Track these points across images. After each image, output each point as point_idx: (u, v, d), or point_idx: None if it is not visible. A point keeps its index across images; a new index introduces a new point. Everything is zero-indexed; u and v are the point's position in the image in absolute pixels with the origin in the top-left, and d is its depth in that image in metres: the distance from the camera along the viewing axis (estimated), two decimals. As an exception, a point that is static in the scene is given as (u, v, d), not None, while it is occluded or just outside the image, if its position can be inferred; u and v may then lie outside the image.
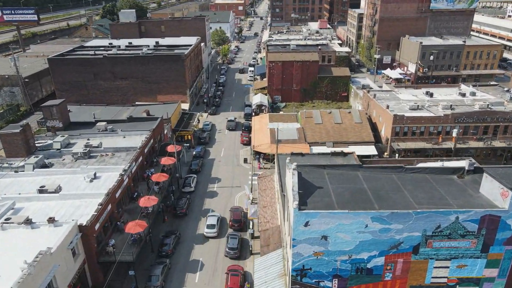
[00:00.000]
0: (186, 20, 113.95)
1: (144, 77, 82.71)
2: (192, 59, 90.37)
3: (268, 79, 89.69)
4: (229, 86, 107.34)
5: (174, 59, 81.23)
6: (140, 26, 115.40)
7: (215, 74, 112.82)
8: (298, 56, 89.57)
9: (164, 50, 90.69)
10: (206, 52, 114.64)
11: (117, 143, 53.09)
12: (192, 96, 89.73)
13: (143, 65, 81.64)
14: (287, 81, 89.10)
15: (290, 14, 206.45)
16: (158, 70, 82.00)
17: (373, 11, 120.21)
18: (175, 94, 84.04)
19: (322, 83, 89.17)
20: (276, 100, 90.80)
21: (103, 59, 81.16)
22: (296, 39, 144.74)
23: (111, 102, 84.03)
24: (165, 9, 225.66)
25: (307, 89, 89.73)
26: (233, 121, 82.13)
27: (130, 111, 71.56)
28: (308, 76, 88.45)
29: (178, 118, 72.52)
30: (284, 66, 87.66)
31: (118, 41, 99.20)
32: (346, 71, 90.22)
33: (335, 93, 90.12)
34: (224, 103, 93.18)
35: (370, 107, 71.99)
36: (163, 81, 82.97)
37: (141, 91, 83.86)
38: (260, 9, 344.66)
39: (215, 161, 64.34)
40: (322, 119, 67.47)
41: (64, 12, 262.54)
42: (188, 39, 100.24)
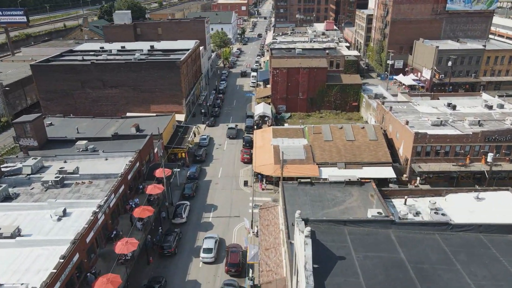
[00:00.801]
0: (184, 22, 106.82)
1: (136, 86, 75.59)
2: (189, 65, 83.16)
3: (272, 87, 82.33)
4: (230, 93, 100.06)
5: (169, 66, 74.03)
6: (136, 28, 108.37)
7: (215, 80, 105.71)
8: (305, 62, 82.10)
9: (159, 55, 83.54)
10: (205, 56, 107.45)
11: (96, 167, 45.91)
12: (188, 106, 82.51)
13: (134, 73, 74.52)
14: (293, 90, 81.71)
15: (295, 14, 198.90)
16: (151, 78, 74.85)
17: (384, 13, 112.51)
18: (170, 104, 76.86)
19: (331, 91, 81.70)
20: (280, 110, 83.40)
21: (90, 65, 74.09)
22: (301, 41, 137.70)
23: (100, 113, 77.04)
24: (165, 9, 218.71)
25: (314, 98, 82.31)
26: (233, 128, 76.01)
27: (119, 125, 64.50)
28: (316, 84, 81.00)
29: (171, 132, 65.30)
30: (289, 73, 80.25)
31: (110, 45, 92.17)
32: (357, 79, 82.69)
33: (344, 103, 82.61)
34: (224, 113, 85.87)
35: (386, 121, 64.46)
36: (157, 90, 75.82)
37: (133, 100, 76.73)
38: (263, 9, 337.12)
39: (211, 184, 57.05)
40: (333, 136, 60.00)
41: (63, 12, 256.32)
42: (185, 42, 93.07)
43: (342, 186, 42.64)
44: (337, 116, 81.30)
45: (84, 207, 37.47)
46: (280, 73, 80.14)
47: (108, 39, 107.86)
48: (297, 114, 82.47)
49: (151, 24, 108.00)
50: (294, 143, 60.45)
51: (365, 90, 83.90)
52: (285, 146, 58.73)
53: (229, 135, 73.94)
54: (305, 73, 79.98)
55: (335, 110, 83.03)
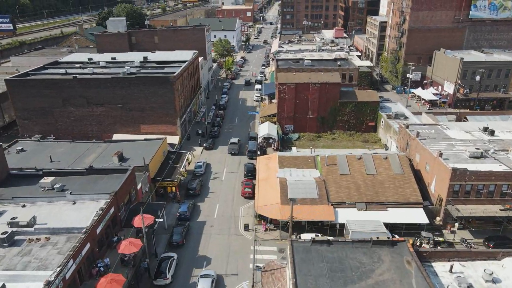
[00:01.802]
0: (182, 30, 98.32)
1: (124, 104, 66.80)
2: (186, 79, 74.30)
3: (278, 105, 73.16)
4: (232, 109, 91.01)
5: (161, 81, 65.20)
6: (131, 37, 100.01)
7: (215, 93, 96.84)
8: (315, 76, 72.90)
9: (152, 68, 74.79)
10: (205, 67, 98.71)
11: (60, 215, 36.89)
12: (184, 125, 73.52)
13: (122, 89, 65.76)
14: (301, 107, 72.51)
15: (302, 21, 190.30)
16: (142, 95, 66.04)
17: (401, 20, 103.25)
18: (163, 124, 67.96)
19: (344, 110, 72.38)
20: (287, 130, 74.16)
21: (73, 81, 65.46)
22: (309, 50, 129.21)
23: (84, 133, 68.44)
24: (166, 15, 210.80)
25: (325, 117, 73.01)
26: (235, 144, 69.30)
27: (101, 151, 55.65)
28: (327, 101, 71.76)
29: (161, 160, 56.28)
30: (297, 89, 71.08)
31: (100, 56, 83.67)
32: (373, 95, 73.31)
33: (360, 122, 73.21)
34: (224, 133, 76.73)
35: (411, 148, 54.99)
36: (148, 108, 66.96)
37: (121, 120, 67.94)
38: (269, 15, 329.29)
39: (205, 226, 47.77)
40: (350, 168, 50.58)
41: (63, 18, 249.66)
42: (183, 53, 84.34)
43: (368, 247, 33.21)
44: (352, 138, 71.90)
45: (30, 281, 28.40)
46: (288, 89, 71.00)
47: (100, 49, 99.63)
48: (306, 135, 73.18)
49: (147, 32, 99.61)
50: (304, 176, 51.13)
51: (383, 108, 74.48)
52: (294, 180, 49.40)
53: (231, 151, 67.78)
54: (316, 89, 70.76)
55: (349, 130, 73.65)
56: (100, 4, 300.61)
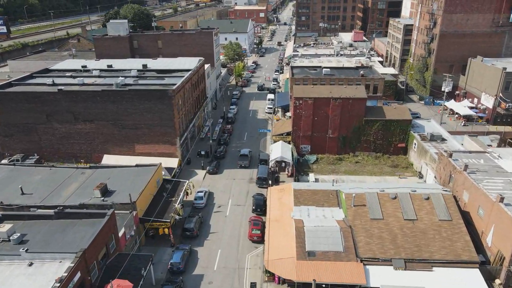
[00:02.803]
0: (188, 34, 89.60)
1: (116, 120, 58.21)
2: (188, 91, 65.39)
3: (293, 122, 63.67)
4: (241, 122, 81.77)
5: (158, 96, 56.40)
6: (132, 41, 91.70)
7: (223, 104, 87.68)
8: (337, 90, 63.18)
9: (150, 78, 66.11)
10: (213, 75, 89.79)
11: (10, 283, 28.19)
12: (186, 144, 64.60)
13: (114, 104, 57.17)
14: (320, 125, 62.90)
15: (318, 23, 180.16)
16: (136, 111, 57.36)
17: (431, 24, 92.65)
18: (160, 143, 59.18)
19: (370, 129, 62.51)
20: (303, 151, 64.64)
21: (58, 94, 57.13)
22: (326, 54, 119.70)
23: (72, 153, 60.25)
24: (175, 16, 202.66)
25: (348, 137, 63.26)
26: (246, 156, 63.83)
27: (83, 180, 47.21)
28: (351, 119, 61.99)
29: (154, 192, 47.36)
30: (316, 104, 61.50)
31: (95, 63, 75.38)
32: (404, 112, 63.21)
33: (388, 143, 63.23)
34: (231, 152, 67.51)
35: (456, 183, 44.93)
36: (143, 126, 58.25)
37: (113, 138, 59.38)
38: (283, 15, 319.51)
39: (203, 283, 38.57)
40: (383, 211, 40.87)
41: (73, 18, 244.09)
42: (187, 60, 75.49)
43: None
44: (378, 162, 61.99)
45: None
46: (305, 104, 61.45)
47: (99, 53, 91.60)
48: (325, 157, 63.53)
49: (150, 36, 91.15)
50: (325, 217, 41.65)
51: (415, 127, 64.32)
52: (313, 226, 39.88)
53: (241, 164, 62.40)
54: (338, 105, 61.06)
55: (375, 152, 63.73)
56: (111, 4, 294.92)
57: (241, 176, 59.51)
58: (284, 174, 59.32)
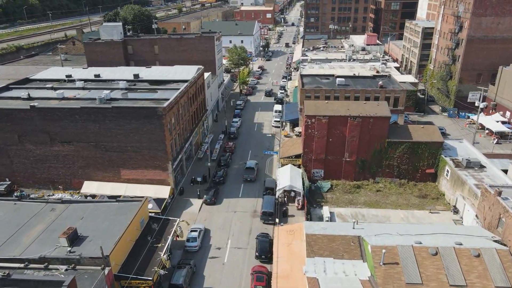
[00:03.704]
0: (188, 38, 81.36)
1: (98, 142, 50.09)
2: (184, 106, 57.09)
3: (304, 143, 55.08)
4: (244, 138, 73.29)
5: (146, 115, 48.12)
6: (126, 46, 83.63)
7: (225, 118, 79.11)
8: (355, 107, 54.46)
9: (141, 91, 57.93)
10: (214, 84, 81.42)
11: None
12: (180, 167, 56.26)
13: (96, 123, 49.03)
14: (336, 148, 54.26)
15: (328, 24, 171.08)
16: (121, 132, 49.18)
17: (456, 28, 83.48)
18: (150, 168, 50.94)
19: (394, 152, 53.74)
20: (315, 176, 56.04)
21: (31, 111, 49.13)
22: (337, 59, 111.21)
23: (49, 178, 52.41)
24: (178, 17, 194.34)
25: (367, 161, 54.56)
26: (252, 169, 58.67)
27: (53, 218, 39.30)
28: (371, 140, 53.28)
29: (137, 236, 39.08)
30: (331, 123, 52.86)
31: (81, 72, 67.28)
32: (434, 133, 54.31)
33: (414, 169, 54.43)
34: (233, 176, 59.09)
35: (509, 229, 36.09)
36: (129, 148, 50.07)
37: (95, 162, 51.27)
38: (290, 16, 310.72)
39: None
40: (421, 272, 32.12)
41: (74, 19, 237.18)
42: (184, 70, 67.18)
43: None
44: (403, 190, 53.19)
45: None
46: (318, 124, 52.81)
47: (90, 59, 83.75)
48: (340, 183, 54.87)
49: (146, 41, 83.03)
50: (346, 274, 33.13)
51: (445, 149, 55.38)
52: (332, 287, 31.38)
53: (246, 178, 57.51)
54: (356, 125, 52.36)
55: (399, 178, 54.95)
56: (115, 4, 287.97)
57: (243, 207, 51.04)
58: (293, 206, 50.82)
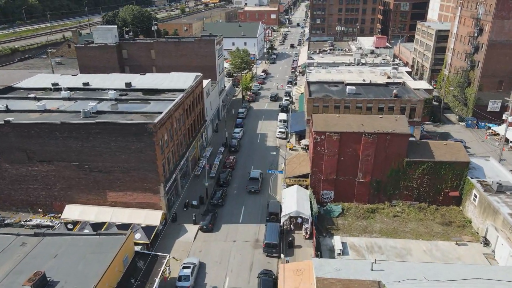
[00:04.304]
0: (186, 42, 75.83)
1: (82, 161, 44.67)
2: (178, 121, 51.53)
3: (313, 161, 49.34)
4: (246, 151, 67.65)
5: (134, 132, 42.62)
6: (121, 51, 78.27)
7: (225, 128, 73.34)
8: (370, 122, 48.65)
9: (132, 102, 52.47)
10: (214, 91, 75.85)
11: None
12: (174, 188, 50.68)
13: (78, 141, 43.60)
14: (348, 167, 48.50)
15: (334, 26, 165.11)
16: (107, 150, 43.73)
17: (475, 31, 77.35)
18: (139, 191, 45.44)
19: (413, 172, 47.89)
20: (325, 198, 50.31)
21: (6, 127, 43.78)
22: (345, 63, 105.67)
23: (27, 201, 47.18)
24: (180, 18, 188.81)
25: (383, 182, 48.75)
26: (256, 180, 55.07)
27: (22, 255, 33.94)
28: (388, 159, 47.48)
29: (119, 278, 33.51)
30: (343, 140, 47.11)
31: (69, 80, 61.87)
32: (458, 151, 48.37)
33: (436, 191, 48.54)
34: (232, 197, 53.41)
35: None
36: (116, 169, 44.60)
37: (78, 184, 45.86)
38: (295, 17, 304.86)
39: None
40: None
41: (74, 20, 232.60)
42: (181, 77, 61.64)
43: None
44: (424, 216, 47.34)
45: None
46: (328, 140, 47.07)
47: (82, 65, 78.61)
48: (353, 207, 49.07)
49: (142, 45, 77.61)
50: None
51: (471, 169, 49.42)
52: None
53: (250, 189, 54.03)
54: (371, 143, 46.57)
55: (418, 201, 49.10)
56: (117, 5, 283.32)
57: (243, 234, 45.41)
58: (300, 234, 45.12)
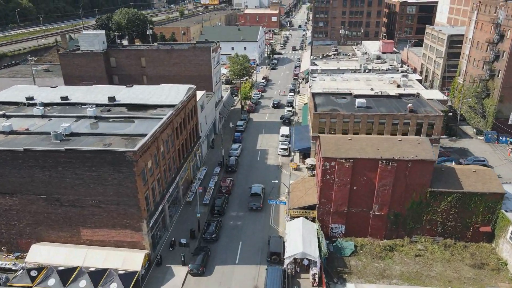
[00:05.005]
0: (179, 50, 69.24)
1: (50, 194, 38.07)
2: (165, 143, 44.91)
3: (321, 192, 42.66)
4: (245, 170, 60.91)
5: (111, 161, 35.98)
6: (109, 58, 71.76)
7: (222, 145, 66.64)
8: (387, 145, 41.99)
9: (114, 120, 45.85)
10: (211, 103, 69.21)
11: None
12: (161, 221, 43.97)
13: (45, 170, 37.01)
14: (361, 198, 41.85)
15: (338, 29, 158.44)
16: (79, 182, 37.12)
17: (495, 37, 70.75)
18: (118, 228, 38.81)
19: (438, 204, 41.24)
20: (334, 233, 43.63)
21: (-40, 154, 37.27)
22: (350, 69, 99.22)
23: (-13, 239, 40.15)
24: (175, 22, 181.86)
25: (402, 215, 42.10)
26: (258, 196, 50.78)
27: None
28: (408, 189, 40.83)
29: None
30: (356, 168, 40.47)
31: (47, 93, 55.26)
32: (491, 181, 41.66)
33: (464, 226, 41.89)
34: (228, 230, 46.64)
35: None
36: (92, 203, 37.97)
37: (47, 219, 39.25)
38: (296, 19, 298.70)
39: None
40: None
41: (69, 23, 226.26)
42: (172, 90, 54.99)
43: None
44: (451, 255, 40.65)
45: None
46: (339, 168, 40.43)
47: (66, 74, 72.09)
48: (367, 243, 42.38)
49: (132, 52, 71.06)
50: None
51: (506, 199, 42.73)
52: None
53: (252, 206, 49.67)
54: (390, 171, 39.91)
55: (443, 237, 42.44)
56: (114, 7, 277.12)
57: (240, 279, 38.71)
58: (306, 279, 38.44)
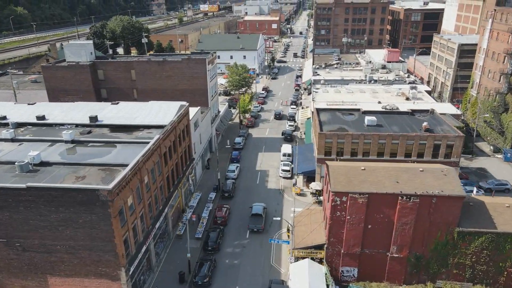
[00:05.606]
0: (172, 62, 63.83)
1: (11, 238, 32.28)
2: (151, 173, 39.20)
3: (330, 230, 36.83)
4: (243, 197, 54.97)
5: (81, 201, 30.22)
6: (96, 71, 66.33)
7: (218, 166, 60.60)
8: (407, 176, 36.22)
9: (93, 145, 40.19)
10: (206, 120, 63.59)
11: None
12: (145, 264, 38.13)
13: (5, 210, 31.19)
14: (377, 237, 36.05)
15: (341, 37, 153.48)
16: (45, 224, 31.35)
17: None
18: (92, 277, 32.97)
19: (467, 246, 35.44)
20: (345, 277, 37.74)
21: None
22: (355, 80, 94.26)
23: None
24: (172, 29, 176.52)
25: (424, 258, 36.26)
26: (259, 216, 47.37)
27: None
28: (432, 228, 35.03)
29: None
30: (371, 203, 34.72)
31: (27, 109, 49.70)
32: (527, 217, 35.94)
33: (497, 270, 36.05)
34: (223, 269, 40.72)
35: None
36: (60, 248, 32.16)
37: (9, 266, 33.44)
38: (297, 26, 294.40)
39: None
40: None
41: (66, 30, 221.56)
42: (162, 107, 49.38)
43: None
44: (482, 306, 34.84)
45: None
46: (351, 203, 34.66)
47: (50, 87, 66.63)
48: (384, 290, 36.59)
49: (121, 64, 65.66)
50: None
51: (541, 238, 36.92)
52: None
53: (252, 228, 46.58)
54: (411, 208, 34.14)
55: (472, 283, 36.58)
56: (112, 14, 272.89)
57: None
58: (315, 338, 32.55)
